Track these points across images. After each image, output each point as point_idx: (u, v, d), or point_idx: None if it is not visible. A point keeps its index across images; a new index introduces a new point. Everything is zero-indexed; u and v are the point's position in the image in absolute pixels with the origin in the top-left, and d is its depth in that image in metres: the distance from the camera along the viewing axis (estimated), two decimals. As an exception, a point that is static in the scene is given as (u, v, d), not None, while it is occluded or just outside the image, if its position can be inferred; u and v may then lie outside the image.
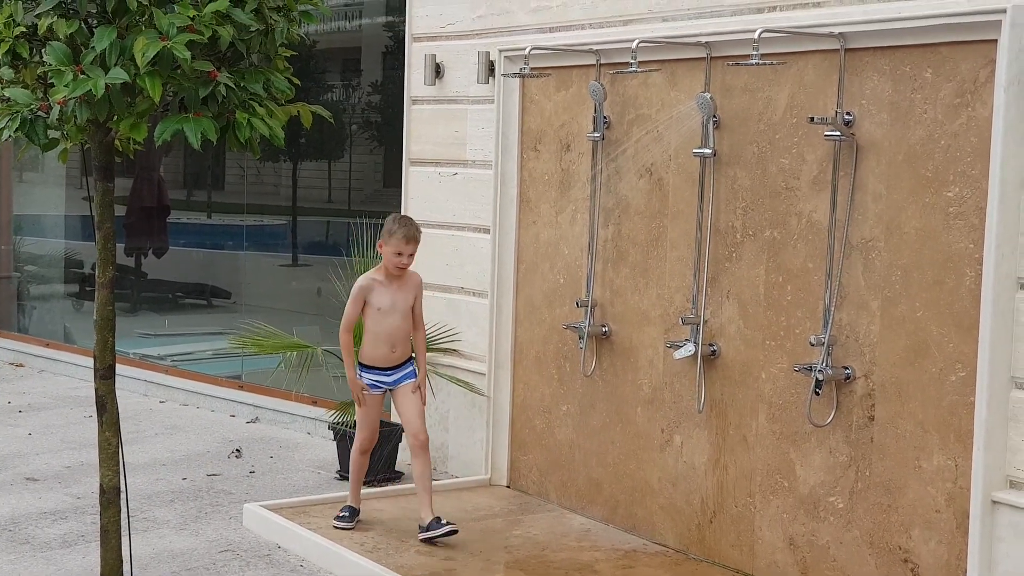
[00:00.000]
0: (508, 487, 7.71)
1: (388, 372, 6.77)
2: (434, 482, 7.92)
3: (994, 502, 5.31)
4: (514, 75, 7.30)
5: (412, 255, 6.67)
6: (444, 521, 6.60)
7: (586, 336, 7.11)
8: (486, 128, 7.90)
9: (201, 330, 11.94)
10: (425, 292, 8.37)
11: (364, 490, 7.72)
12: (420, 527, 6.64)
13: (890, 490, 5.70)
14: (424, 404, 6.83)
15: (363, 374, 6.79)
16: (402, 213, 7.05)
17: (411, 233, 6.61)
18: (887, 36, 5.62)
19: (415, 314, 6.82)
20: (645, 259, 6.85)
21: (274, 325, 8.43)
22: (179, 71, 4.80)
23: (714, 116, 6.37)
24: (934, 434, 5.53)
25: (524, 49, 7.12)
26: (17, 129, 4.91)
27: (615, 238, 7.02)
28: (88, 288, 12.74)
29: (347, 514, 6.91)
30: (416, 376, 6.81)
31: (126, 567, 5.53)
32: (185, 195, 12.65)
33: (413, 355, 6.86)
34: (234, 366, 10.53)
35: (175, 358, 11.18)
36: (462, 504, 7.26)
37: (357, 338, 6.87)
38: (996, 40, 5.21)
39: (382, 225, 6.72)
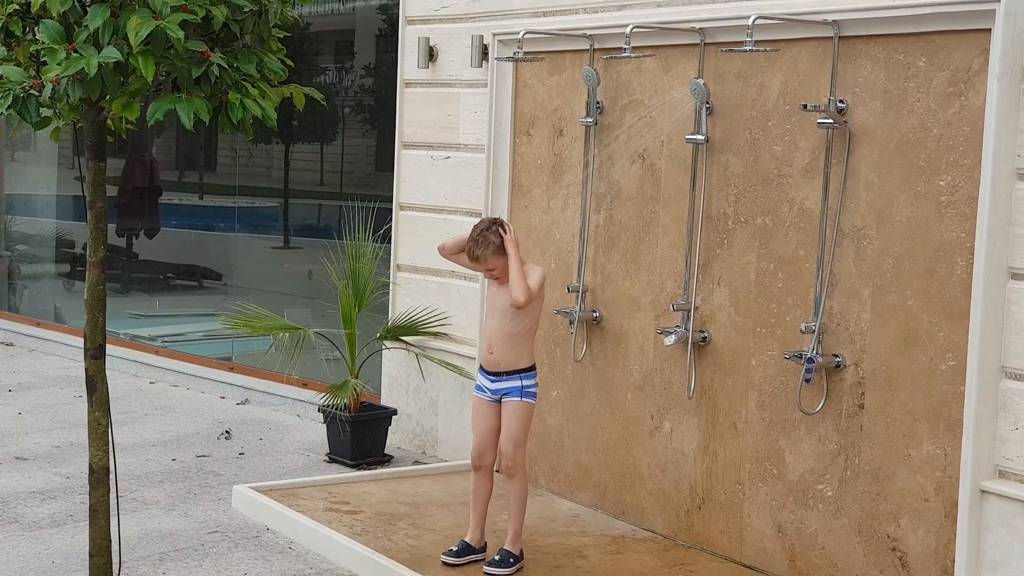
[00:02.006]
0: (497, 471, 7.70)
1: (491, 377, 6.08)
2: (423, 466, 7.96)
3: (983, 491, 5.32)
4: (508, 59, 7.29)
5: (491, 271, 6.03)
6: (507, 561, 6.09)
7: (577, 321, 7.11)
8: (479, 112, 7.89)
9: (192, 311, 11.92)
10: (415, 275, 8.41)
11: (353, 473, 7.71)
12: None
13: (879, 478, 5.71)
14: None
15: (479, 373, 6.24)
16: (492, 217, 6.23)
17: (473, 252, 6.02)
18: (881, 24, 5.62)
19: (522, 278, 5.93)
20: (637, 245, 6.85)
21: (265, 307, 8.42)
22: (172, 51, 4.78)
23: (707, 102, 6.36)
24: (923, 423, 5.54)
25: (518, 33, 7.10)
26: (9, 107, 4.90)
27: (607, 224, 7.02)
28: (79, 268, 12.71)
29: (455, 548, 6.21)
30: (520, 396, 6.05)
31: (114, 547, 5.52)
32: (177, 176, 12.63)
33: (522, 371, 6.08)
34: (224, 347, 10.53)
35: (165, 339, 11.18)
36: (450, 488, 7.26)
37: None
38: (990, 29, 5.21)
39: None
